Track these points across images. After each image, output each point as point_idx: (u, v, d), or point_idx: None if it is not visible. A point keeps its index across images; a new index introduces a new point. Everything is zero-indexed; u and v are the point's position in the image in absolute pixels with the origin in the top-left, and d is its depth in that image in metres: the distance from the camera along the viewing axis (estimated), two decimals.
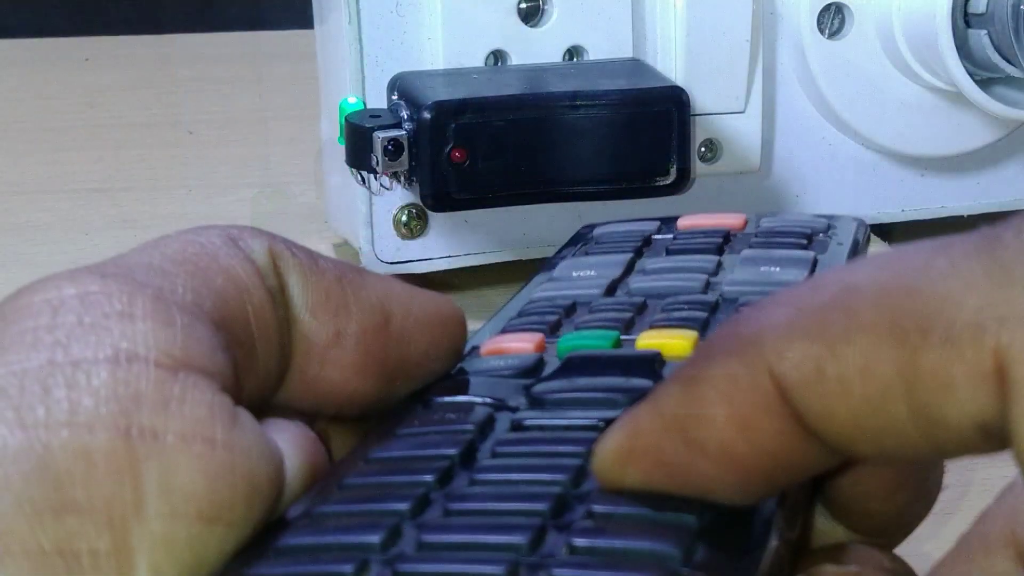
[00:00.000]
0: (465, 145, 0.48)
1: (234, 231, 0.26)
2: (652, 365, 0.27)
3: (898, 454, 0.21)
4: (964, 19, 0.53)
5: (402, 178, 0.49)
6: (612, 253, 0.34)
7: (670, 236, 0.35)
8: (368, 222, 0.54)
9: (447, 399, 0.27)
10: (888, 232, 0.59)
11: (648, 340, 0.28)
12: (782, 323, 0.21)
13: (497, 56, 0.53)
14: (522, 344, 0.29)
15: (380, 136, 0.49)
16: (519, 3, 0.53)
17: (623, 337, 0.28)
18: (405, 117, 0.49)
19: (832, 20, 0.56)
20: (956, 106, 0.57)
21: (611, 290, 0.31)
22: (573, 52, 0.54)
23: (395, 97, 0.51)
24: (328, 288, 0.26)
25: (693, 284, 0.31)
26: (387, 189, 0.51)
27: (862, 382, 0.20)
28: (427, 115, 0.48)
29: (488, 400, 0.26)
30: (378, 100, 0.52)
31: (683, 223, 0.36)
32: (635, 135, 0.50)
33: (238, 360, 0.25)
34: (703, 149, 0.55)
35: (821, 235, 0.34)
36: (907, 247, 0.21)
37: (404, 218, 0.54)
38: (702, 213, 0.36)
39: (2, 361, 0.22)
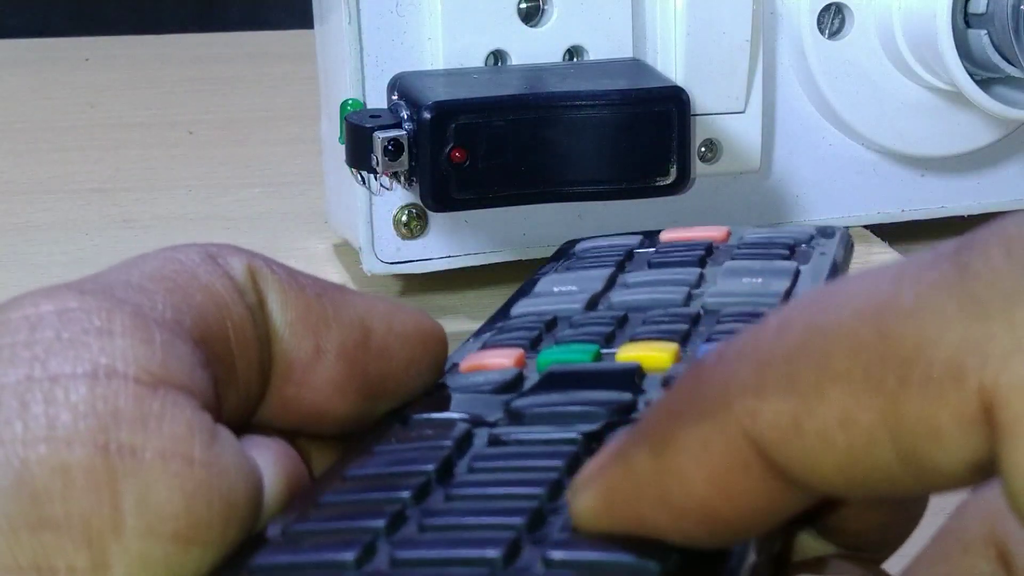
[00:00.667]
0: (465, 145, 0.48)
1: (212, 248, 0.26)
2: (632, 378, 0.26)
3: (889, 494, 0.20)
4: (964, 19, 0.53)
5: (402, 178, 0.49)
6: (593, 268, 0.33)
7: (652, 249, 0.34)
8: (368, 222, 0.54)
9: (425, 416, 0.27)
10: (888, 232, 0.59)
11: (628, 353, 0.27)
12: (750, 378, 0.20)
13: (497, 56, 0.53)
14: (501, 360, 0.28)
15: (380, 136, 0.49)
16: (519, 3, 0.53)
17: (603, 351, 0.28)
18: (405, 117, 0.49)
19: (832, 20, 0.56)
20: (956, 106, 0.57)
21: (592, 304, 0.31)
22: (573, 52, 0.54)
23: (395, 97, 0.51)
24: (308, 304, 0.26)
25: (674, 297, 0.31)
26: (387, 189, 0.51)
27: (844, 433, 0.19)
28: (427, 115, 0.48)
29: (466, 416, 0.26)
30: (378, 100, 0.52)
31: (665, 236, 0.35)
32: (635, 135, 0.49)
33: (218, 377, 0.24)
34: (703, 149, 0.55)
35: (804, 245, 0.33)
36: (867, 274, 0.20)
37: (404, 218, 0.54)
38: (685, 226, 0.36)
39: None
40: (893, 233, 0.59)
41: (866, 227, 0.59)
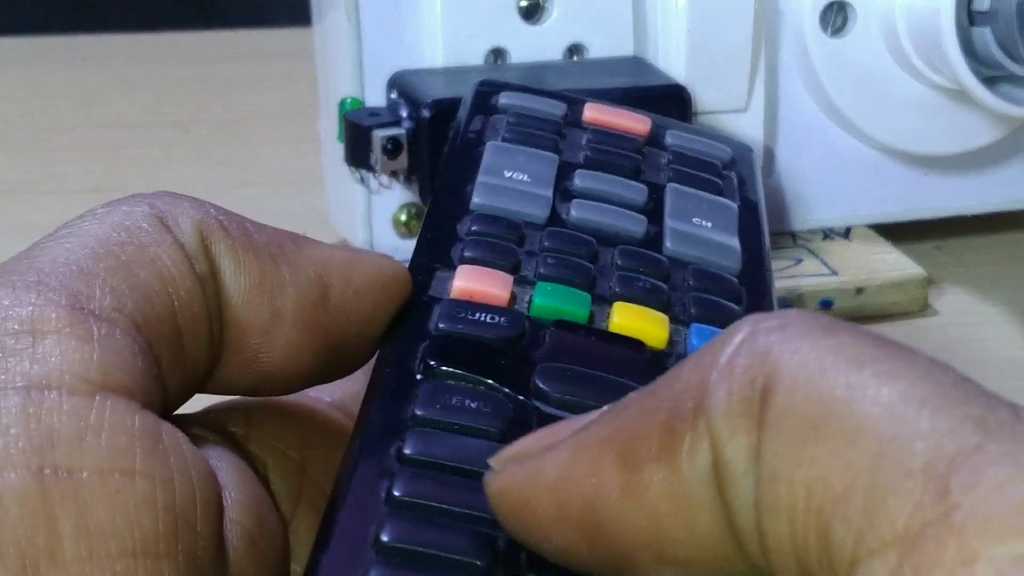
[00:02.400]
0: None
1: (161, 205, 0.25)
2: (639, 357, 0.28)
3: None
4: (968, 16, 0.53)
5: (401, 177, 0.49)
6: (534, 146, 0.35)
7: (582, 132, 0.37)
8: (367, 221, 0.54)
9: (448, 369, 0.26)
10: (891, 231, 0.59)
11: (622, 319, 0.29)
12: None
13: (497, 54, 0.53)
14: (492, 289, 0.29)
15: (379, 134, 0.48)
16: (519, 0, 0.53)
17: (594, 307, 0.29)
18: (404, 115, 0.49)
19: (835, 18, 0.56)
20: (960, 104, 0.57)
21: (554, 216, 0.33)
22: (574, 50, 0.54)
23: (394, 95, 0.51)
24: (263, 268, 0.25)
25: (634, 229, 0.33)
26: (386, 188, 0.50)
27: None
28: (426, 113, 0.48)
29: (500, 389, 0.26)
30: (377, 98, 0.52)
31: (589, 115, 0.38)
32: None
33: (162, 359, 0.23)
34: None
35: (731, 170, 0.37)
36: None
37: (403, 217, 0.54)
38: (607, 104, 0.38)
39: None
40: (896, 232, 0.59)
41: (869, 226, 0.59)
